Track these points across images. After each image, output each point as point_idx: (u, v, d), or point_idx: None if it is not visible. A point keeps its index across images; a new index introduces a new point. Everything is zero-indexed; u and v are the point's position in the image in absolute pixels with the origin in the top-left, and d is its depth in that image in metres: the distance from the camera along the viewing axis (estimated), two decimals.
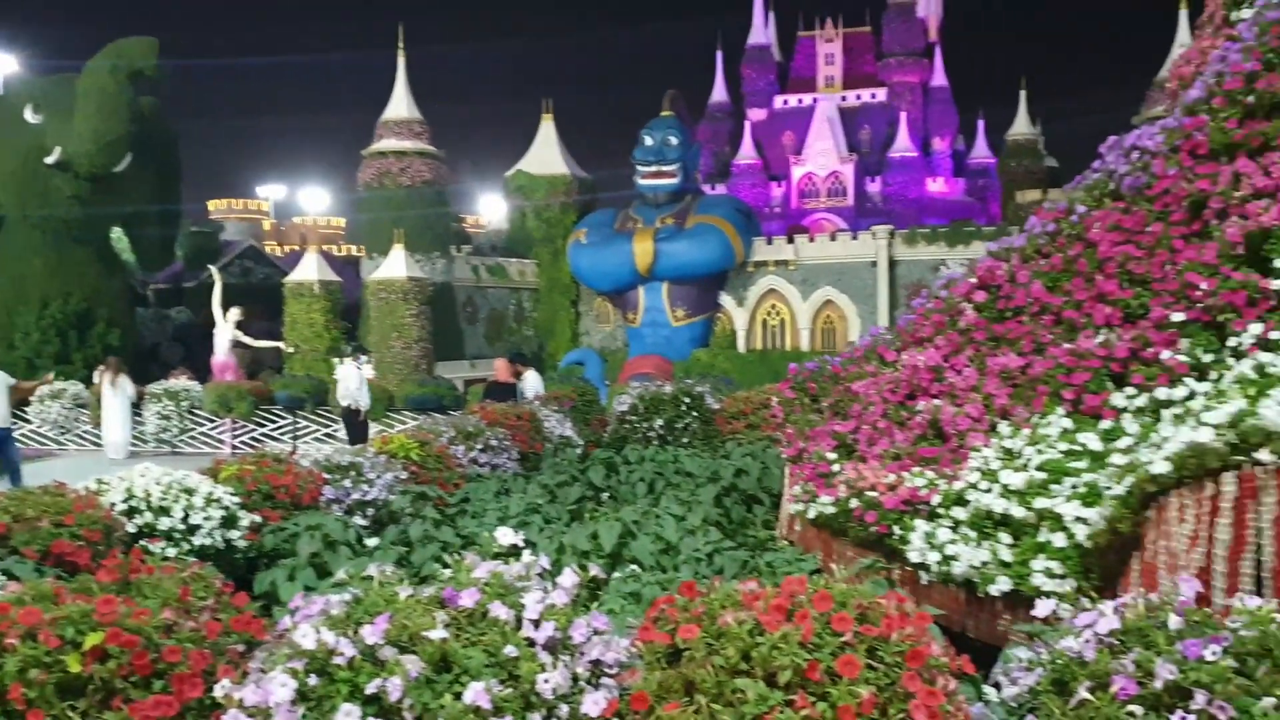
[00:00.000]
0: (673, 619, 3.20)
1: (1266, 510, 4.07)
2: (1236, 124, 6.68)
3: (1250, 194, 6.32)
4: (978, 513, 5.52)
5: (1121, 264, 6.58)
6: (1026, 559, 5.16)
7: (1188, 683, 2.91)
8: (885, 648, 3.06)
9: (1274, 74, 6.56)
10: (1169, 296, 6.18)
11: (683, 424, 12.69)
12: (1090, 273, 6.70)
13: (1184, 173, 6.80)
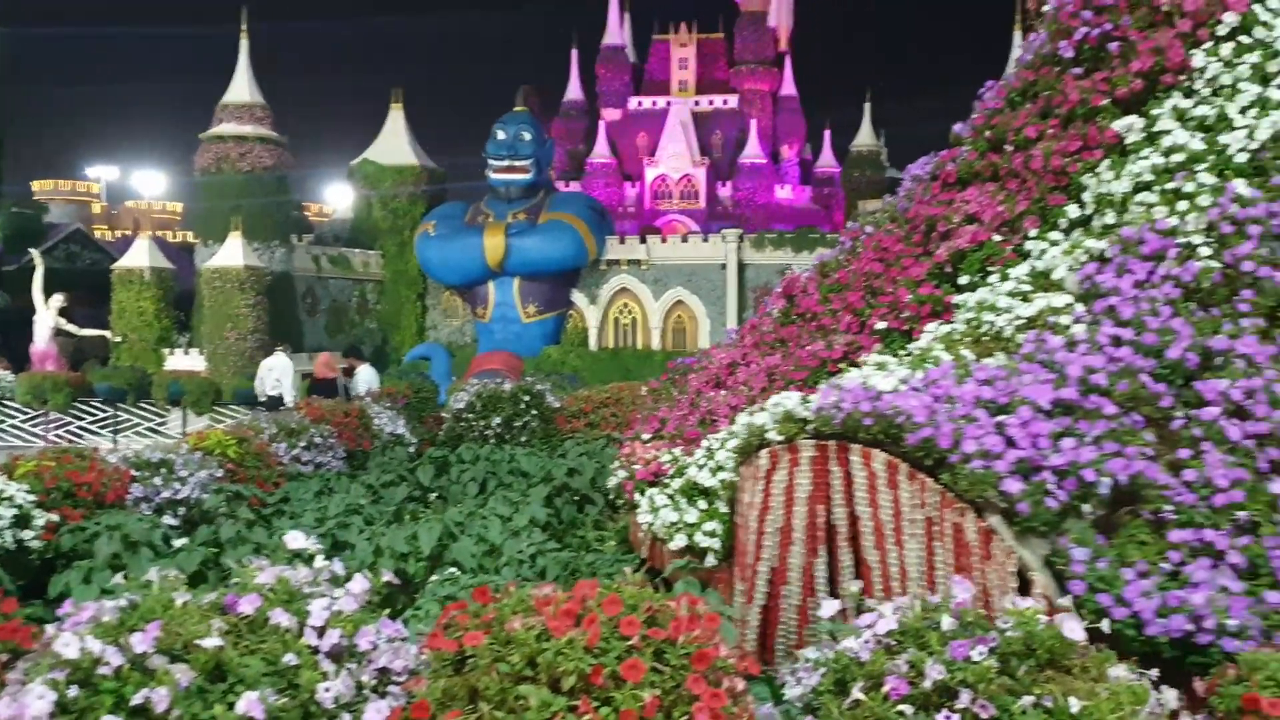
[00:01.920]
0: (462, 625, 3.16)
1: (780, 478, 4.84)
2: (977, 155, 7.54)
3: (964, 219, 7.18)
4: (687, 484, 6.47)
5: (868, 279, 7.49)
6: (703, 522, 6.17)
7: (954, 682, 3.02)
8: (672, 650, 3.08)
9: (1012, 113, 7.36)
10: (885, 308, 7.11)
11: (521, 422, 12.61)
12: (851, 286, 7.63)
13: (928, 199, 7.69)
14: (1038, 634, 3.26)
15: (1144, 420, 4.77)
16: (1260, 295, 5.16)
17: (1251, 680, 3.47)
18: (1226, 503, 4.39)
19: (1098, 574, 4.26)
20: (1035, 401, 4.69)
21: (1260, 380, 4.69)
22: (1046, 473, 4.46)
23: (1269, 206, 5.31)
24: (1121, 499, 4.59)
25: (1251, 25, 6.53)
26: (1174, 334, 4.98)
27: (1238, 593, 4.06)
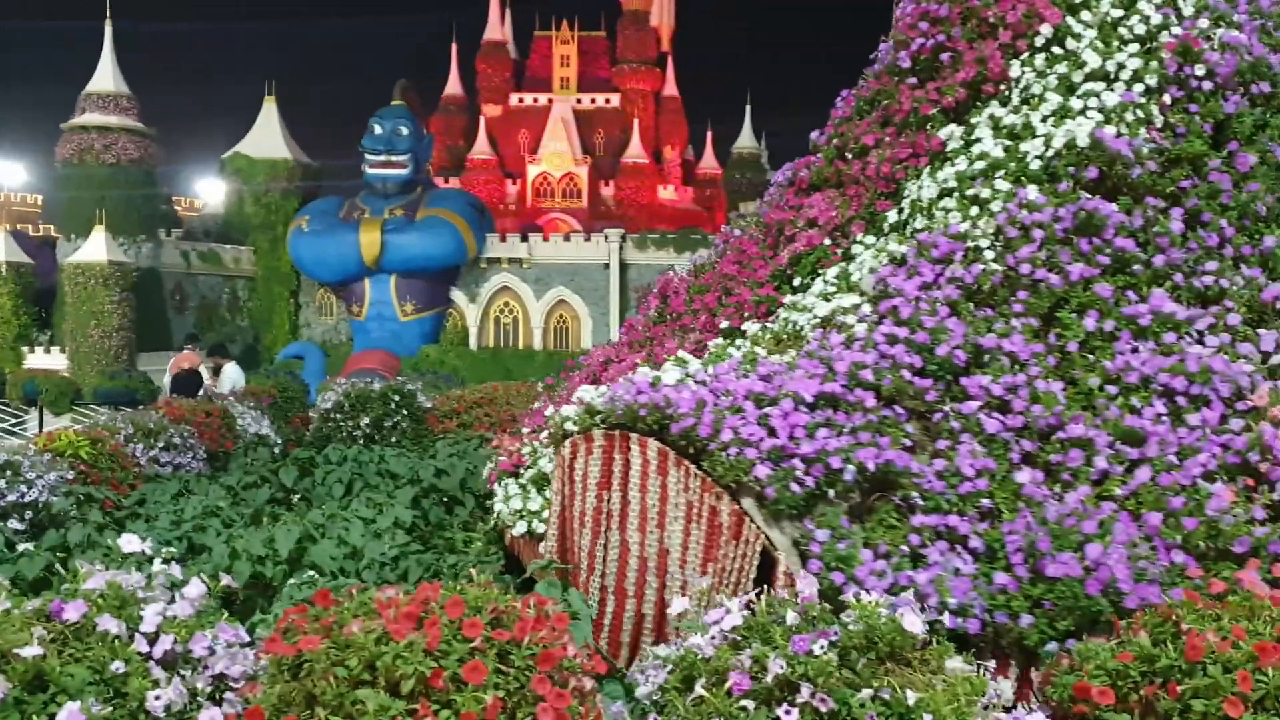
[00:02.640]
0: (301, 629, 3.08)
1: (579, 466, 5.12)
2: (826, 163, 7.89)
3: (805, 224, 7.50)
4: (538, 474, 6.61)
5: (725, 280, 7.76)
6: (543, 509, 6.30)
7: (796, 677, 3.07)
8: (517, 651, 3.06)
9: (858, 121, 7.73)
10: (731, 308, 7.34)
11: (391, 422, 12.41)
12: (711, 287, 7.83)
13: (781, 204, 8.01)
14: (879, 627, 3.33)
15: (907, 413, 5.10)
16: (1035, 297, 5.46)
17: (1083, 670, 3.60)
18: (971, 490, 4.72)
19: (835, 554, 4.53)
20: (799, 394, 5.02)
21: (1023, 377, 5.05)
22: (796, 460, 4.75)
23: (1055, 211, 5.59)
24: (878, 486, 4.88)
25: (1064, 37, 6.81)
26: (948, 333, 5.28)
27: (966, 574, 4.35)
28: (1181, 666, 3.35)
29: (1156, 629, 3.64)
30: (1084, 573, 4.19)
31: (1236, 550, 4.34)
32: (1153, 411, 4.81)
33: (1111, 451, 4.70)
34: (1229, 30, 6.20)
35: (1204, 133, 5.91)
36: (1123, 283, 5.49)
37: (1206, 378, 4.86)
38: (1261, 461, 4.56)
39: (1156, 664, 3.40)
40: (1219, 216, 5.63)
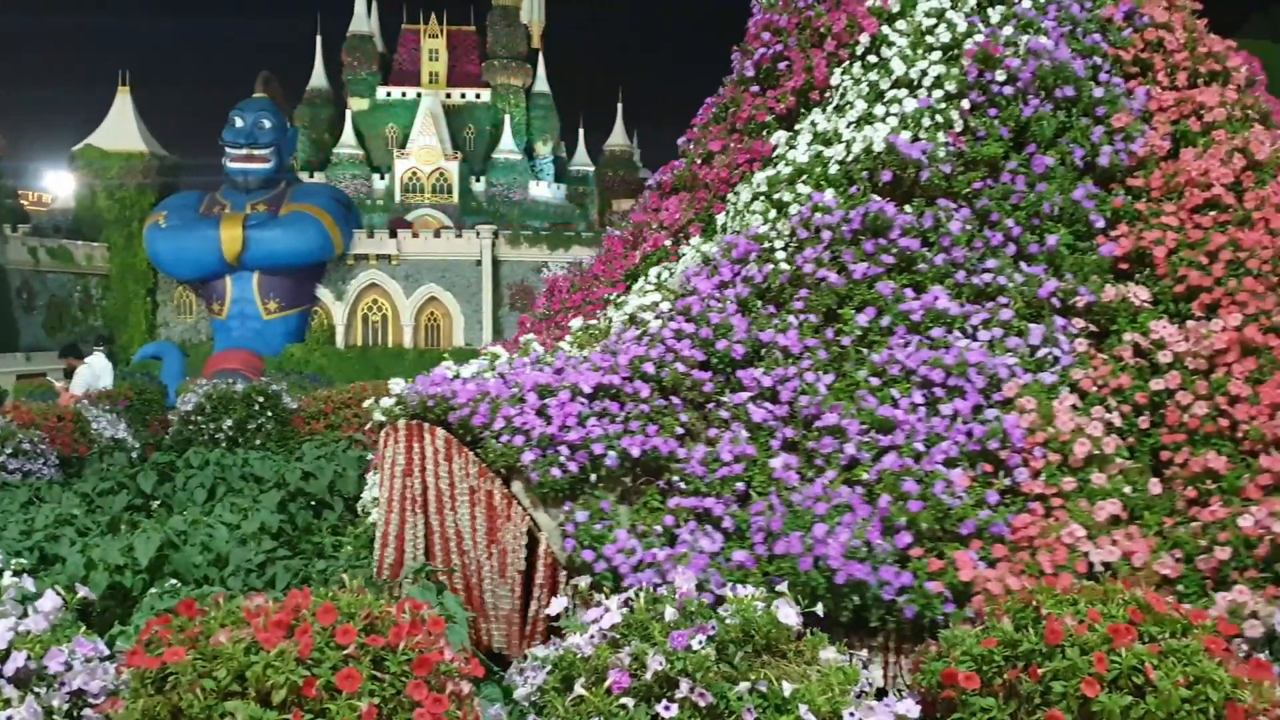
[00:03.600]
0: (165, 641, 2.97)
1: (389, 454, 5.49)
2: (685, 167, 8.29)
3: (658, 226, 7.85)
4: None
5: (592, 280, 8.19)
6: None
7: (675, 672, 3.09)
8: (392, 657, 3.01)
9: (711, 128, 8.13)
10: (596, 305, 7.66)
11: (255, 424, 12.06)
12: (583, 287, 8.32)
13: (645, 206, 8.40)
14: (755, 621, 3.38)
15: (685, 403, 5.51)
16: (816, 295, 5.81)
17: (950, 656, 3.72)
18: (728, 475, 5.12)
19: (590, 534, 4.97)
20: (578, 386, 5.43)
21: (794, 369, 5.49)
22: (563, 447, 5.17)
23: (845, 214, 5.92)
24: (650, 471, 5.30)
25: (880, 45, 7.05)
26: (731, 329, 5.70)
27: (708, 552, 4.76)
28: (1042, 650, 3.48)
29: (1018, 614, 3.78)
30: (804, 550, 4.56)
31: (963, 532, 4.66)
32: (908, 402, 5.18)
33: (863, 439, 5.07)
34: (1036, 37, 6.42)
35: (1002, 136, 6.17)
36: (907, 281, 5.80)
37: (962, 370, 5.19)
38: (1001, 449, 4.91)
39: (1019, 648, 3.53)
40: (1007, 216, 5.91)
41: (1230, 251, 5.50)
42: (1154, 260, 5.70)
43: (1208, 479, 4.81)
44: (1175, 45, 6.37)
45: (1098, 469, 4.87)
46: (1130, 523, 4.72)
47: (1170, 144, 6.11)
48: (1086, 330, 5.56)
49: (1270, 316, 5.18)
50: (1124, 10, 6.58)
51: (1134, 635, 3.47)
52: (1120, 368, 5.27)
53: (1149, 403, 5.15)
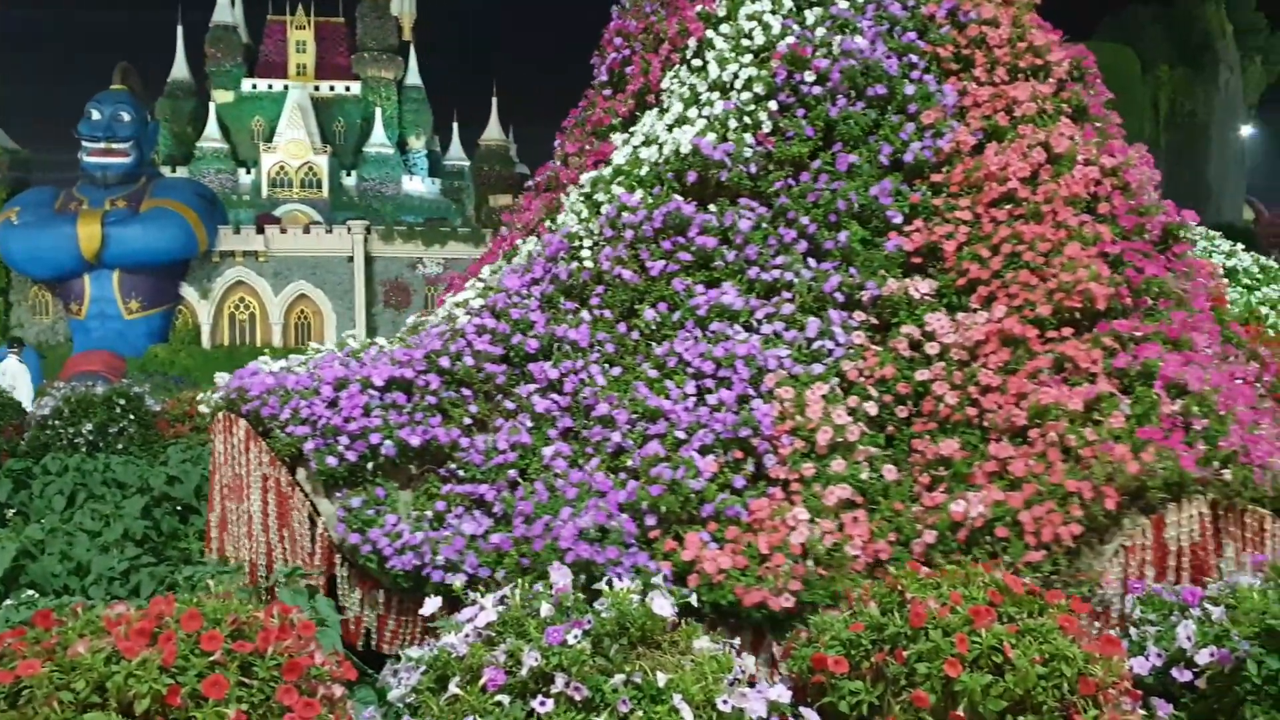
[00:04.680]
0: (19, 654, 2.86)
1: (213, 445, 5.90)
2: (552, 170, 8.41)
3: (520, 226, 8.13)
4: None
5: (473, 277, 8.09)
6: None
7: (550, 668, 3.11)
8: (261, 663, 2.96)
9: (575, 130, 8.28)
10: None
11: (117, 428, 11.61)
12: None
13: (521, 206, 8.55)
14: (630, 613, 3.41)
15: (475, 394, 5.84)
16: (612, 291, 6.10)
17: (820, 641, 3.82)
18: (502, 463, 5.46)
19: (361, 518, 5.31)
20: (369, 378, 5.76)
21: (581, 363, 5.81)
22: (343, 437, 5.51)
23: (648, 213, 6.19)
24: (436, 459, 5.65)
25: (705, 49, 7.22)
26: (530, 324, 6.03)
27: (466, 534, 5.10)
28: (907, 633, 3.61)
29: (885, 599, 3.91)
30: (544, 532, 4.90)
31: (704, 515, 4.97)
32: (679, 392, 5.48)
33: (630, 428, 5.38)
34: (850, 37, 6.60)
35: (807, 136, 6.37)
36: (705, 277, 6.06)
37: (730, 362, 5.49)
38: (753, 437, 5.22)
39: (885, 632, 3.65)
40: (804, 214, 6.11)
41: (1011, 245, 5.69)
42: (944, 254, 5.87)
43: (940, 466, 5.06)
44: (998, 41, 6.52)
45: (841, 456, 5.11)
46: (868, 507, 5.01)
47: (981, 139, 6.27)
48: (867, 324, 5.77)
49: (1034, 308, 5.39)
50: (947, 8, 6.73)
51: (993, 616, 3.62)
52: (887, 359, 5.48)
53: (912, 393, 5.38)
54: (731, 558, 4.71)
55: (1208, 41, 52.91)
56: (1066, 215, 5.67)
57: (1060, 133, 6.06)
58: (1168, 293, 5.54)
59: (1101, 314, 5.38)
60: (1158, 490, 4.63)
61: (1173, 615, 4.09)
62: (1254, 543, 4.68)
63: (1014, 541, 4.59)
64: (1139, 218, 5.73)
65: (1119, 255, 5.58)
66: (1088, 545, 4.67)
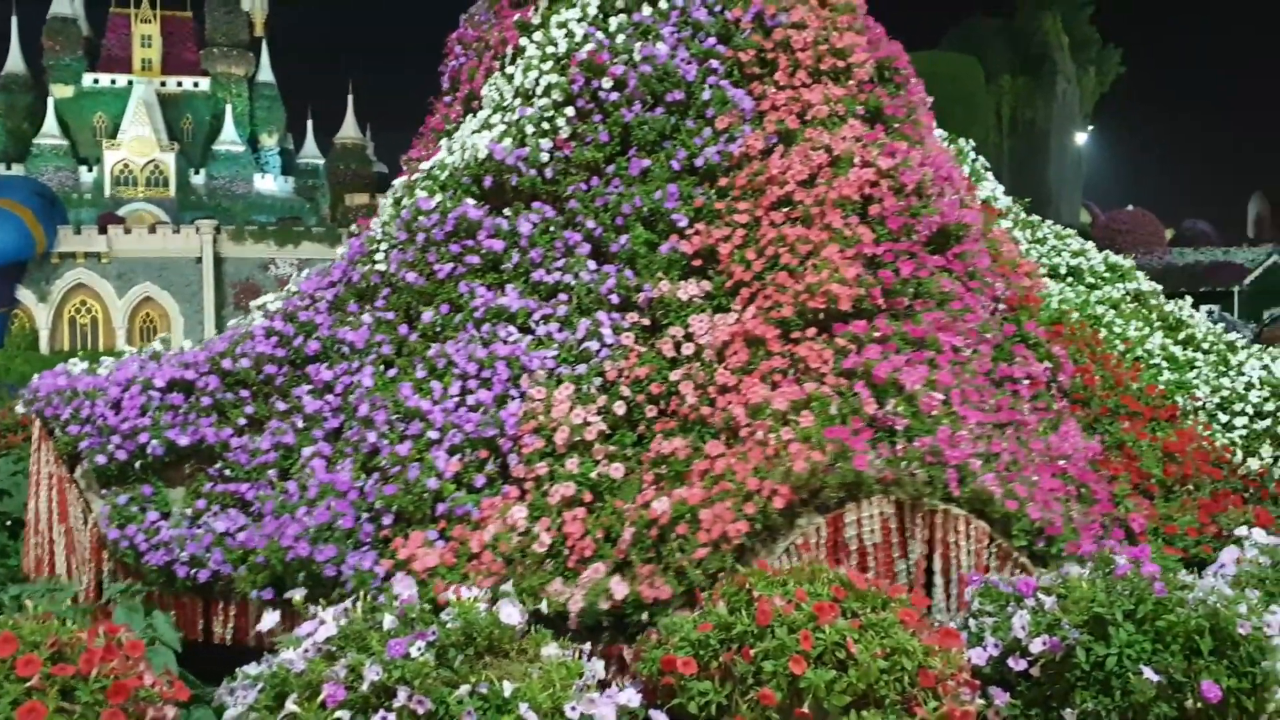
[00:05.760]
0: None
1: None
2: None
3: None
4: None
5: None
6: None
7: (393, 681, 3.04)
8: (84, 686, 2.81)
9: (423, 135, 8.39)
10: None
11: None
12: None
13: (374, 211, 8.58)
14: (476, 622, 3.36)
15: (254, 394, 6.02)
16: (395, 294, 6.26)
17: (669, 642, 3.83)
18: (263, 462, 5.61)
19: (124, 514, 5.53)
20: (150, 379, 5.98)
21: (357, 364, 5.97)
22: (116, 436, 5.73)
23: (439, 217, 6.34)
24: (207, 458, 5.83)
25: (518, 57, 7.34)
26: (314, 327, 6.18)
27: (217, 532, 5.27)
28: (754, 631, 3.65)
29: (733, 597, 3.94)
30: (274, 531, 5.03)
31: (438, 513, 5.06)
32: (442, 392, 5.60)
33: (388, 429, 5.47)
34: (651, 43, 6.71)
35: (602, 142, 6.47)
36: (493, 280, 6.19)
37: (491, 362, 5.61)
38: (499, 436, 5.32)
39: (732, 631, 3.68)
40: (591, 218, 6.25)
41: (775, 247, 5.78)
42: (720, 257, 5.99)
43: (663, 464, 5.16)
44: (801, 44, 6.62)
45: (578, 454, 5.18)
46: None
47: (775, 142, 6.36)
48: (639, 325, 5.86)
49: (781, 309, 5.50)
50: (753, 12, 6.84)
51: (837, 612, 3.68)
52: (646, 360, 5.57)
53: (664, 392, 5.47)
54: (443, 556, 4.75)
55: (1046, 53, 55.36)
56: (834, 217, 5.74)
57: (843, 135, 6.15)
58: (926, 293, 5.60)
59: (850, 315, 5.44)
60: (833, 490, 4.60)
61: (1009, 606, 4.22)
62: (944, 544, 4.63)
63: (689, 538, 4.56)
64: (909, 219, 5.79)
65: (878, 256, 5.64)
66: (761, 543, 4.62)
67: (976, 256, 6.00)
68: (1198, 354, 8.33)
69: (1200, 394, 7.36)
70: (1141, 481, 5.94)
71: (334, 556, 4.83)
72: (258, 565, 4.99)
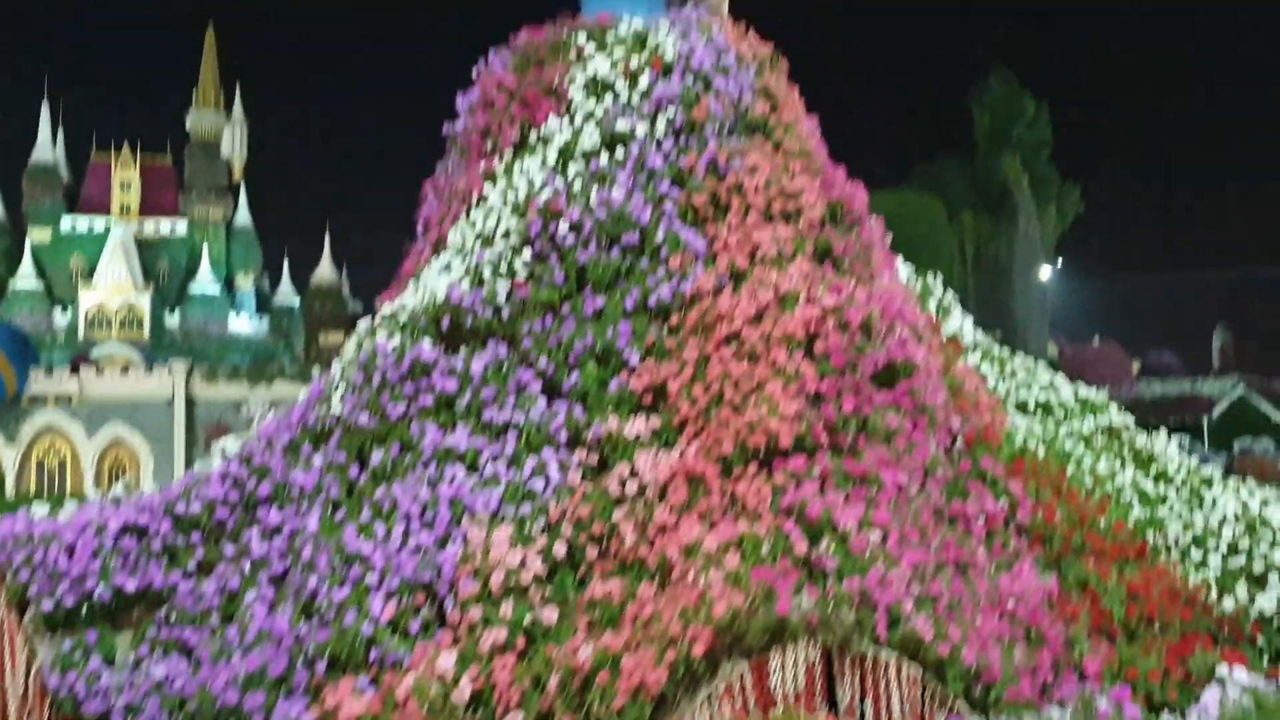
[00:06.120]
0: None
1: None
2: None
3: None
4: None
5: None
6: None
7: None
8: None
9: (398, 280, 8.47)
10: None
11: None
12: None
13: None
14: None
15: (202, 537, 6.05)
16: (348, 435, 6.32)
17: None
18: (207, 608, 5.69)
19: (67, 661, 5.50)
20: (104, 524, 5.99)
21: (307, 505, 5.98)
22: (64, 582, 5.70)
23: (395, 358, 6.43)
24: (155, 601, 5.87)
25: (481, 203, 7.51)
26: (269, 470, 6.24)
27: (155, 679, 5.26)
28: None
29: None
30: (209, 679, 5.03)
31: (372, 659, 5.01)
32: (385, 534, 5.60)
33: (331, 572, 5.44)
34: (607, 189, 6.88)
35: (557, 283, 6.58)
36: (447, 418, 6.22)
37: (435, 504, 5.62)
38: (435, 579, 5.32)
39: None
40: (544, 356, 6.25)
41: (720, 383, 5.82)
42: (669, 393, 5.97)
43: (597, 608, 5.03)
44: (754, 187, 6.81)
45: (514, 598, 5.07)
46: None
47: (726, 281, 6.48)
48: (586, 463, 5.79)
49: (722, 445, 5.46)
50: (707, 158, 7.05)
51: None
52: (590, 499, 5.51)
53: (606, 532, 5.38)
54: (370, 704, 4.67)
55: (1006, 191, 56.88)
56: (779, 354, 5.76)
57: (790, 274, 6.24)
58: (872, 429, 5.58)
59: (791, 451, 5.39)
60: (756, 634, 4.43)
61: None
62: (875, 690, 4.49)
63: (609, 687, 4.38)
64: (853, 355, 5.84)
65: (822, 393, 5.65)
66: (684, 690, 4.43)
67: (928, 392, 6.02)
68: (1170, 488, 8.20)
69: (1172, 530, 7.22)
70: (1103, 622, 5.83)
71: (262, 704, 4.77)
72: (189, 714, 4.96)
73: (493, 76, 8.14)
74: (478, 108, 8.21)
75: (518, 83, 8.00)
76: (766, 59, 8.12)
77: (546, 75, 7.89)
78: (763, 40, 8.32)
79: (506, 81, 7.98)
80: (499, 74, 8.09)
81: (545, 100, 7.75)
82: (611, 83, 7.55)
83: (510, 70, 8.15)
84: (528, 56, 8.19)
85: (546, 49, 8.15)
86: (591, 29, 8.08)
